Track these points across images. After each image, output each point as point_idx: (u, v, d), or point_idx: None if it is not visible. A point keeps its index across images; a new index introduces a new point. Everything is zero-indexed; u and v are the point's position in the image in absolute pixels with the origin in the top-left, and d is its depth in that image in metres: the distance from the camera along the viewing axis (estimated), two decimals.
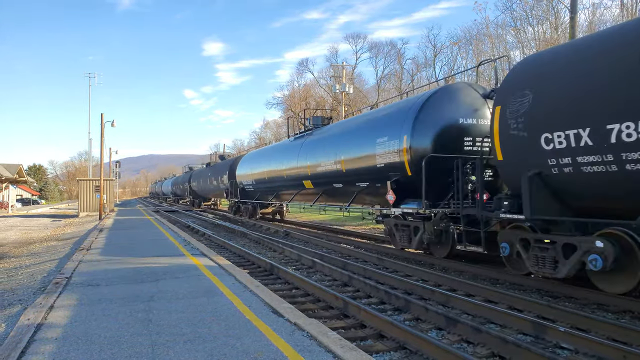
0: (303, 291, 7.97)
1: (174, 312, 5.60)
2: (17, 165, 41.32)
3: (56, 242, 16.81)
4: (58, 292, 6.73)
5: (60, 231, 22.00)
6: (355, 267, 9.96)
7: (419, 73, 51.92)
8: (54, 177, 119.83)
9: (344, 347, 4.26)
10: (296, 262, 11.32)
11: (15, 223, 27.43)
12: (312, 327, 4.89)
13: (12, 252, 14.31)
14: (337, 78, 37.77)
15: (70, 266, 9.05)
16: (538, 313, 6.36)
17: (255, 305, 5.84)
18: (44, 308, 5.80)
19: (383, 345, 5.27)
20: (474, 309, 6.57)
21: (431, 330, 5.86)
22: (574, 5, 13.45)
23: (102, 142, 30.42)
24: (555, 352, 5.07)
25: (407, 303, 6.73)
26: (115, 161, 60.40)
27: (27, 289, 7.89)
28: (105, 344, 4.47)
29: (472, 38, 40.30)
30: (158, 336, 4.69)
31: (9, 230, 22.52)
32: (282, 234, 17.85)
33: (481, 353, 5.00)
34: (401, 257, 11.85)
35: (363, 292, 7.91)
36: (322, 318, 6.28)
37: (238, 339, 4.59)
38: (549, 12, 32.20)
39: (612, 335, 5.38)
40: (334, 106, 46.51)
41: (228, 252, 13.12)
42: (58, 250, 13.84)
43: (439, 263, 10.63)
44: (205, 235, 17.36)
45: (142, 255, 10.53)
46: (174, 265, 8.96)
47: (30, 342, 4.57)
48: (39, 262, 11.38)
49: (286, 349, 4.28)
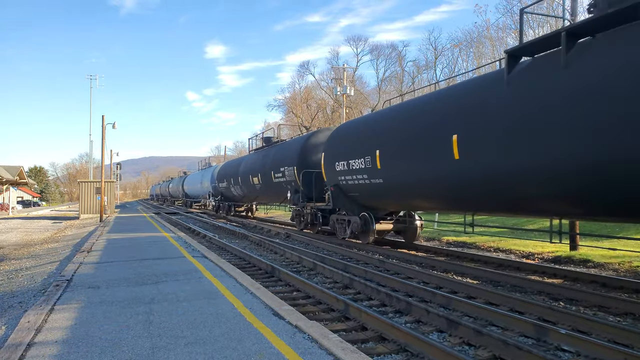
0: (304, 293, 7.96)
1: (175, 314, 5.59)
2: (18, 167, 41.36)
3: (57, 244, 16.81)
4: (59, 294, 6.72)
5: (60, 233, 22.00)
6: (356, 269, 9.95)
7: (420, 75, 51.97)
8: (55, 179, 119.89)
9: (345, 350, 4.25)
10: (297, 264, 11.31)
11: (16, 225, 27.43)
12: (313, 329, 4.88)
13: (13, 254, 14.31)
14: (338, 80, 37.85)
15: (71, 268, 9.05)
16: (539, 315, 6.35)
17: (256, 308, 5.83)
18: (45, 310, 5.79)
19: (384, 348, 5.26)
20: (475, 311, 6.55)
21: (432, 333, 5.85)
22: (574, 8, 13.45)
23: (103, 144, 30.46)
24: (556, 354, 5.06)
25: (409, 305, 6.72)
26: (116, 163, 60.51)
27: (27, 291, 7.88)
28: (106, 347, 4.46)
29: (472, 40, 40.38)
30: (159, 339, 4.68)
31: (9, 232, 22.52)
32: (283, 236, 17.86)
33: (482, 355, 4.99)
34: (403, 259, 11.84)
35: (364, 294, 7.90)
36: (323, 320, 6.27)
37: (239, 341, 4.58)
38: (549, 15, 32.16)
39: (613, 338, 5.36)
40: (334, 108, 46.57)
41: (229, 254, 13.11)
42: (59, 252, 13.84)
43: (440, 265, 10.62)
44: (206, 238, 17.36)
45: (143, 257, 10.52)
46: (175, 267, 8.96)
47: (30, 344, 4.56)
48: (40, 264, 11.38)
49: (287, 351, 4.27)
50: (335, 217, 16.09)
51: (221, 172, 33.34)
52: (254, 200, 28.60)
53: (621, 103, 6.39)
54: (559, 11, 31.32)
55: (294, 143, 20.73)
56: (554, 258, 11.39)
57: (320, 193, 17.55)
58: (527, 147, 7.81)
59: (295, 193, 19.19)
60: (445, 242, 15.60)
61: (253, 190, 25.78)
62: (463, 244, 14.80)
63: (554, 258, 11.39)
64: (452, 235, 16.16)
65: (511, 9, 34.64)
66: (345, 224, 15.36)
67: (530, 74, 8.06)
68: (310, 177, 18.07)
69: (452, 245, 14.81)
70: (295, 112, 57.74)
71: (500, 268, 10.34)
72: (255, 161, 25.27)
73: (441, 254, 12.71)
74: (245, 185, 26.70)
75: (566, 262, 10.97)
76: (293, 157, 19.60)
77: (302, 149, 19.19)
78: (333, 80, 44.99)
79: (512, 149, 8.14)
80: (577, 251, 11.75)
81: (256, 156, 26.01)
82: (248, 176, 25.61)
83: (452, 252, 12.56)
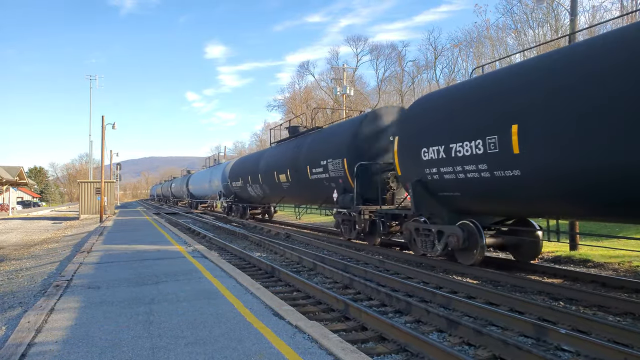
0: (304, 293, 7.96)
1: (175, 314, 5.59)
2: (18, 168, 41.39)
3: (57, 244, 16.81)
4: (59, 294, 6.73)
5: (60, 233, 22.00)
6: (356, 269, 9.95)
7: (420, 75, 52.01)
8: (55, 179, 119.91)
9: (345, 350, 4.25)
10: (297, 264, 11.32)
11: (16, 225, 27.43)
12: (313, 329, 4.88)
13: (13, 255, 14.31)
14: (338, 80, 37.85)
15: (71, 268, 9.05)
16: (539, 315, 6.35)
17: (256, 308, 5.83)
18: (45, 311, 5.79)
19: (384, 348, 5.27)
20: (475, 311, 6.56)
21: (432, 333, 5.85)
22: (574, 8, 13.45)
23: (103, 144, 30.47)
24: (556, 354, 5.06)
25: (409, 305, 6.72)
26: (116, 163, 60.49)
27: (27, 291, 7.89)
28: (106, 347, 4.47)
29: (472, 40, 40.39)
30: (159, 339, 4.68)
31: (9, 233, 22.53)
32: (283, 237, 17.84)
33: (482, 355, 4.99)
34: (402, 259, 11.84)
35: (364, 294, 7.90)
36: (323, 320, 6.28)
37: (239, 341, 4.58)
38: (549, 15, 32.21)
39: (613, 338, 5.37)
40: (334, 108, 46.45)
41: (229, 254, 13.12)
42: (59, 252, 13.84)
43: (440, 265, 10.62)
44: (206, 238, 17.36)
45: (143, 257, 10.52)
46: (175, 268, 8.96)
47: (30, 345, 4.56)
48: (40, 265, 11.38)
49: (287, 351, 4.27)
50: (413, 226, 11.41)
51: (235, 169, 28.75)
52: (278, 201, 23.87)
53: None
54: (559, 11, 31.33)
55: (342, 128, 16.16)
56: (554, 258, 11.39)
57: (381, 193, 13.65)
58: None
59: (343, 192, 15.14)
60: None
61: (278, 189, 21.27)
62: None
63: (554, 258, 11.39)
64: None
65: (511, 9, 34.69)
66: (432, 237, 10.75)
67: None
68: (367, 172, 14.06)
69: None
70: (295, 113, 57.75)
71: (500, 268, 10.33)
72: (282, 155, 20.61)
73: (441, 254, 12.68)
74: (268, 184, 22.22)
75: (566, 262, 10.97)
76: (341, 146, 14.92)
77: (354, 134, 14.53)
78: (333, 81, 45.02)
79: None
80: (577, 251, 11.76)
81: (282, 149, 21.27)
82: (271, 173, 21.15)
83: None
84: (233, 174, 28.74)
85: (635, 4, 27.20)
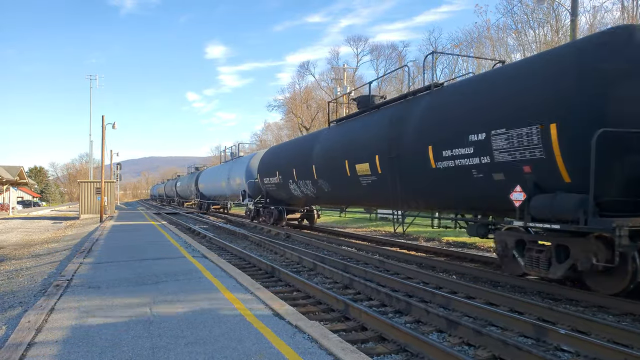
0: (304, 293, 7.97)
1: (175, 314, 5.60)
2: (18, 168, 41.39)
3: (57, 244, 16.82)
4: (59, 294, 6.73)
5: (61, 233, 22.00)
6: (356, 269, 9.96)
7: (420, 75, 51.96)
8: (55, 179, 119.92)
9: (345, 350, 4.26)
10: (297, 264, 11.32)
11: (16, 225, 27.44)
12: (313, 329, 4.89)
13: (13, 254, 14.31)
14: (338, 80, 37.85)
15: (71, 268, 9.05)
16: (539, 315, 6.36)
17: (256, 308, 5.83)
18: (45, 310, 5.80)
19: (384, 348, 5.27)
20: (475, 311, 6.56)
21: (432, 333, 5.86)
22: (575, 8, 13.47)
23: (103, 144, 30.47)
24: (556, 354, 5.07)
25: (408, 305, 6.73)
26: (116, 163, 60.49)
27: (27, 291, 7.89)
28: (106, 347, 4.47)
29: (473, 41, 40.37)
30: (159, 339, 4.69)
31: (9, 232, 22.53)
32: (283, 237, 17.86)
33: (482, 355, 5.00)
34: (402, 259, 11.84)
35: (364, 294, 7.91)
36: (323, 320, 6.28)
37: (239, 341, 4.59)
38: (549, 15, 32.20)
39: (613, 338, 5.37)
40: (334, 109, 46.39)
41: (229, 254, 13.12)
42: (59, 252, 13.85)
43: (440, 265, 10.62)
44: (207, 238, 17.36)
45: (143, 257, 10.53)
46: (175, 268, 8.96)
47: (30, 344, 4.57)
48: (40, 265, 11.39)
49: (287, 351, 4.28)
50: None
51: (267, 160, 21.95)
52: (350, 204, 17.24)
53: None
54: (559, 11, 31.33)
55: (541, 65, 7.97)
56: None
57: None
58: None
59: (537, 191, 7.69)
60: (445, 243, 15.59)
61: (350, 187, 14.25)
62: (463, 244, 14.80)
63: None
64: (451, 236, 16.17)
65: (512, 9, 34.68)
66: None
67: None
68: (618, 149, 6.65)
69: (452, 246, 14.81)
70: (295, 113, 57.76)
71: (500, 268, 10.33)
72: (361, 134, 13.59)
73: (441, 254, 12.71)
74: (329, 179, 15.57)
75: None
76: (540, 99, 7.51)
77: (584, 73, 6.96)
78: (333, 81, 45.03)
79: None
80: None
81: (358, 125, 14.13)
82: (338, 163, 14.35)
83: (451, 253, 12.56)
84: (264, 168, 22.06)
85: (636, 4, 27.21)
